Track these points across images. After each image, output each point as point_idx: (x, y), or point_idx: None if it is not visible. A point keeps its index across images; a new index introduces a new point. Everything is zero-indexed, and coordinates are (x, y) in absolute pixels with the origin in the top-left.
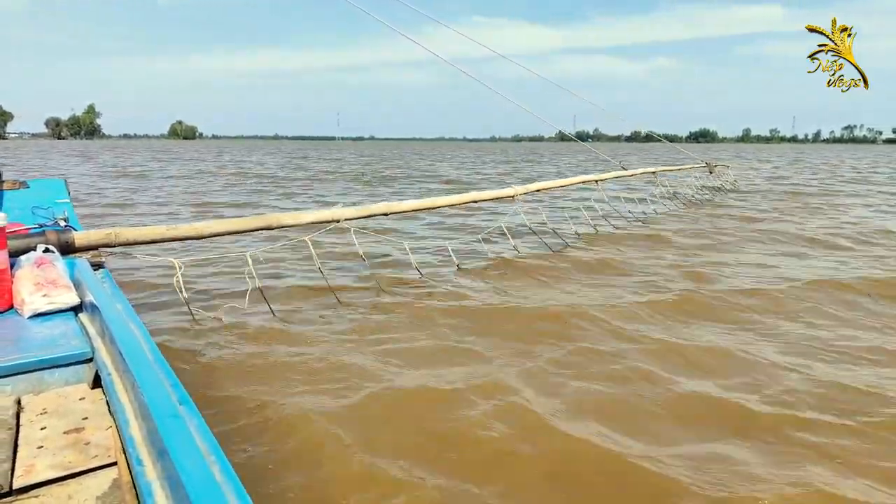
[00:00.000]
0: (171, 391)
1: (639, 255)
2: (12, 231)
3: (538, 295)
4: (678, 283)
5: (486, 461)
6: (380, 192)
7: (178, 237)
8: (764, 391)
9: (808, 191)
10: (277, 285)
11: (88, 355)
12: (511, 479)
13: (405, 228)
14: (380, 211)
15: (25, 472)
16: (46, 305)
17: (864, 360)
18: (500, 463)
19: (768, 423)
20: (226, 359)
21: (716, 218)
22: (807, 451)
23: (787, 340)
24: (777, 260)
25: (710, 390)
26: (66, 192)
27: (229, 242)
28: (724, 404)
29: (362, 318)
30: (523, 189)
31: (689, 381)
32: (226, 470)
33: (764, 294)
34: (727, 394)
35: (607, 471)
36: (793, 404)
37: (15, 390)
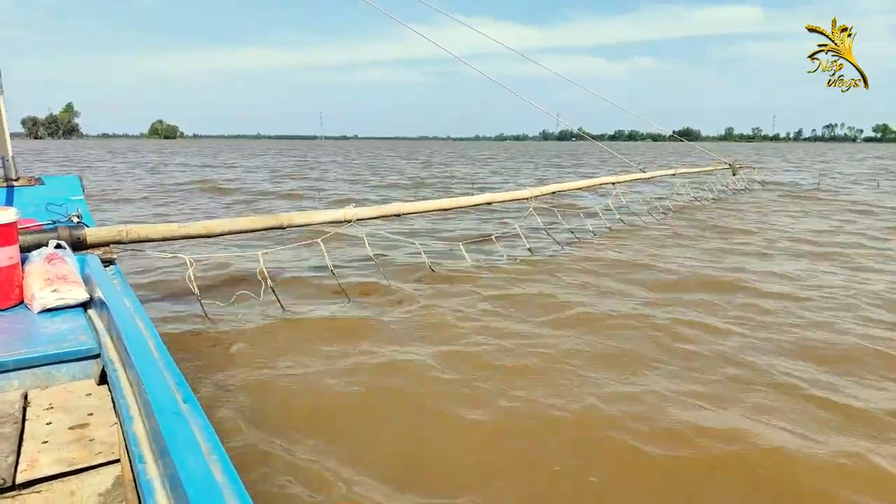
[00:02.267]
0: (175, 389)
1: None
2: (24, 227)
3: (535, 290)
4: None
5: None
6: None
7: (189, 235)
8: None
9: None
10: (289, 284)
11: (96, 351)
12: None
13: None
14: (392, 212)
15: (29, 467)
16: (56, 301)
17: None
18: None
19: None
20: (236, 356)
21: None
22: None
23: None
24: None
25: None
26: (80, 190)
27: (242, 240)
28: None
29: (372, 316)
30: (539, 191)
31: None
32: (227, 470)
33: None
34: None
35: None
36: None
37: (22, 385)
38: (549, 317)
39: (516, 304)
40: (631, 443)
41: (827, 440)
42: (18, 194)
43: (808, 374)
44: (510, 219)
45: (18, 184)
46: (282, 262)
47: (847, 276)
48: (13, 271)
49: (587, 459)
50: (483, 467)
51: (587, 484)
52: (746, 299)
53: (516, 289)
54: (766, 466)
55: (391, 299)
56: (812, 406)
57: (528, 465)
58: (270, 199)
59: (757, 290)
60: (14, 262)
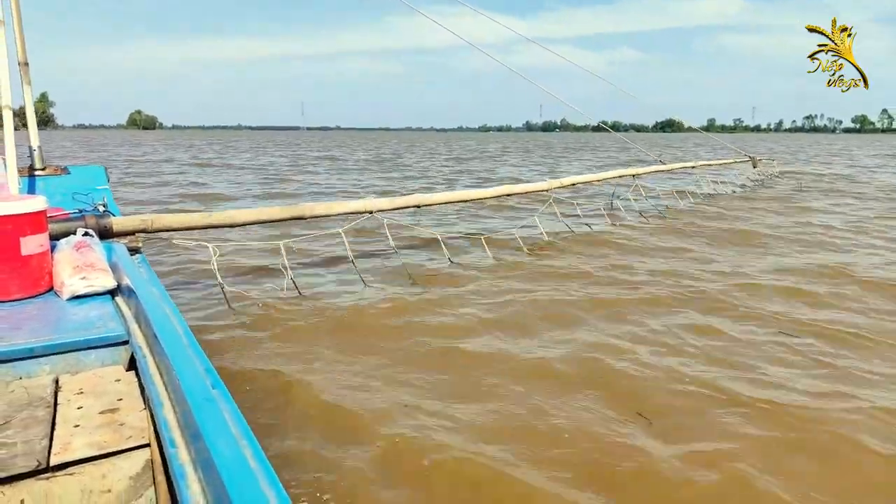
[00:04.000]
0: (204, 375)
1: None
2: (53, 216)
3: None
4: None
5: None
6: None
7: (213, 224)
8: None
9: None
10: (310, 273)
11: (124, 338)
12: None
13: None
14: (412, 203)
15: (62, 450)
16: (85, 288)
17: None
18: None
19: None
20: (259, 343)
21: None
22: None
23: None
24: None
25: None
26: (105, 179)
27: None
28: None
29: (392, 305)
30: (557, 183)
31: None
32: (257, 455)
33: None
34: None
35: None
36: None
37: (53, 370)
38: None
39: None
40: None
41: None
42: (45, 184)
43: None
44: (526, 213)
45: (45, 173)
46: (304, 253)
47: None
48: (43, 259)
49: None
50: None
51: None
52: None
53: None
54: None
55: (411, 290)
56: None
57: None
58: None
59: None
60: (44, 249)
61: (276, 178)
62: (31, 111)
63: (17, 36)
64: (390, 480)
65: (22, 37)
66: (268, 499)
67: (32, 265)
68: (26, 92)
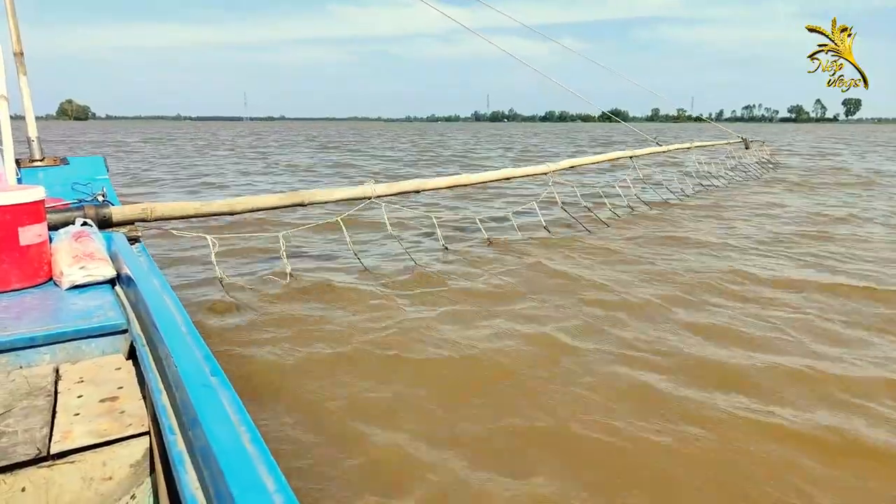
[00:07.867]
0: (203, 362)
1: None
2: (52, 206)
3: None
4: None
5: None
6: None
7: (212, 213)
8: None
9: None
10: (309, 263)
11: (124, 326)
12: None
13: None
14: (412, 188)
15: (62, 438)
16: (84, 278)
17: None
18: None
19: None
20: (257, 331)
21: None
22: None
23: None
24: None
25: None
26: (104, 169)
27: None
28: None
29: (392, 293)
30: (556, 166)
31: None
32: (256, 440)
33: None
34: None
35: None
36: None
37: (53, 359)
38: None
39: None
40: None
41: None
42: (44, 174)
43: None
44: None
45: (44, 164)
46: (303, 241)
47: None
48: (42, 248)
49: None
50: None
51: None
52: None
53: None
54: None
55: (410, 278)
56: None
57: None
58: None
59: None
60: (42, 239)
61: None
62: (28, 102)
63: (10, 25)
64: (387, 469)
65: (16, 26)
66: (266, 485)
67: (31, 255)
68: (22, 82)
